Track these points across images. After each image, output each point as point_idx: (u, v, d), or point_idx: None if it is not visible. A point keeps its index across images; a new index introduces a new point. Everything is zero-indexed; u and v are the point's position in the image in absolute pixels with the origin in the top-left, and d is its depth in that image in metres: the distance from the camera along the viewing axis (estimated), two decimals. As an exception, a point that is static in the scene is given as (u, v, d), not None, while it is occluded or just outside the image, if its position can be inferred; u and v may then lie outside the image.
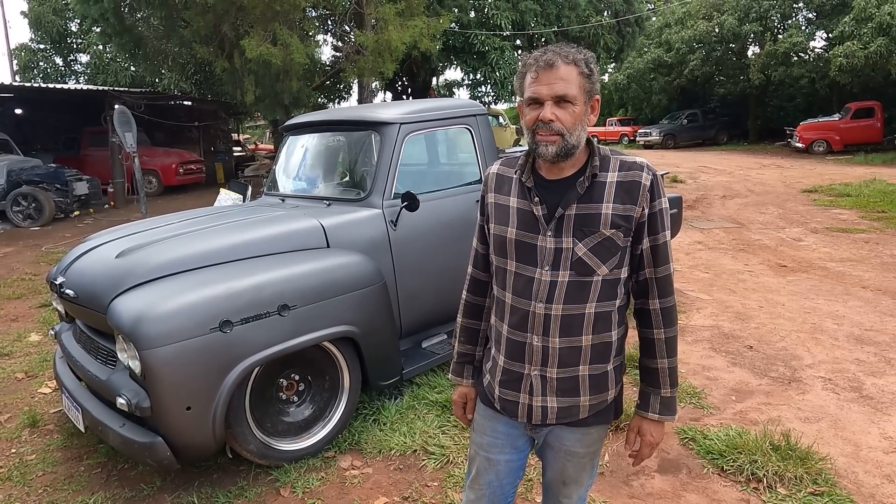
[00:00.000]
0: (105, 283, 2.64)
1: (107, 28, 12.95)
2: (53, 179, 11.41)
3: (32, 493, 2.72)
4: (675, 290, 1.52)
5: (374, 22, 11.24)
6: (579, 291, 1.41)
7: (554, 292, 1.41)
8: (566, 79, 1.35)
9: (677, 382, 1.54)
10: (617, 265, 1.42)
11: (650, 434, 1.54)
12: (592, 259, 1.40)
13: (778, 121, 23.66)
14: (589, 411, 1.49)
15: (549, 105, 1.36)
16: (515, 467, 1.63)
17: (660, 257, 1.45)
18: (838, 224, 8.17)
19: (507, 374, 1.51)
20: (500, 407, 1.55)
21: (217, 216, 3.41)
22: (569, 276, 1.41)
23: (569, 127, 1.36)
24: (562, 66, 1.35)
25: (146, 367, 2.30)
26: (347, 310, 2.84)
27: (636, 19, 18.62)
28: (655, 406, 1.52)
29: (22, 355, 4.47)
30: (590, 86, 1.39)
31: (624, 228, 1.40)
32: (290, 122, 4.12)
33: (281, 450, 2.76)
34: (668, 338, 1.50)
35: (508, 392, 1.51)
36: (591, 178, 1.41)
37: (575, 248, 1.40)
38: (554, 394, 1.46)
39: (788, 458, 2.61)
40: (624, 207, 1.40)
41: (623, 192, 1.40)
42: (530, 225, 1.45)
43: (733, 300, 5.09)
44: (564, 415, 1.48)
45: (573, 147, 1.38)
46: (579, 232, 1.40)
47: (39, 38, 21.38)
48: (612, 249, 1.40)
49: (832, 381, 3.51)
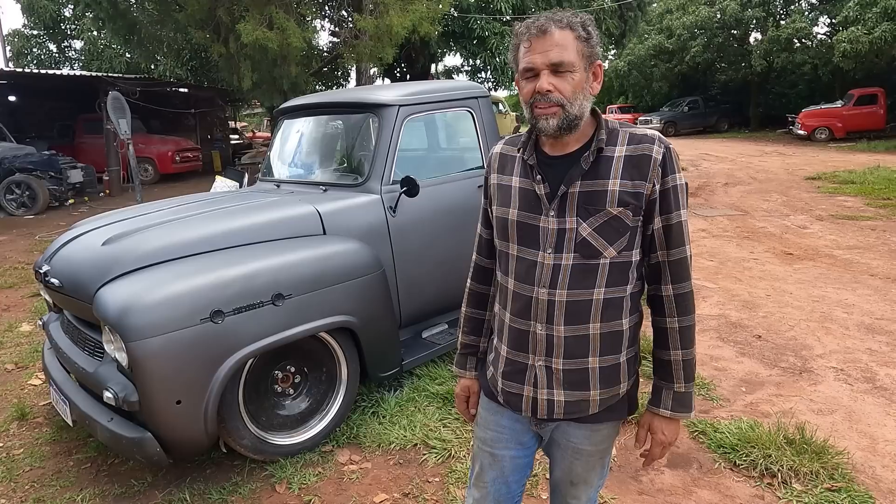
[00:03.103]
0: (91, 271, 2.52)
1: (100, 13, 12.74)
2: (48, 167, 11.25)
3: (19, 489, 2.62)
4: None
5: (372, 6, 11.02)
6: (585, 276, 1.30)
7: (558, 277, 1.31)
8: (562, 44, 1.24)
9: (693, 377, 1.40)
10: (626, 247, 1.30)
11: (661, 432, 1.41)
12: (598, 240, 1.29)
13: (780, 108, 23.46)
14: (599, 406, 1.38)
15: (546, 74, 1.25)
16: (522, 464, 1.53)
17: (673, 239, 1.33)
18: (844, 211, 8.05)
19: (511, 364, 1.41)
20: (504, 400, 1.45)
21: (209, 202, 3.28)
22: (573, 259, 1.30)
23: (569, 96, 1.25)
24: (556, 31, 1.24)
25: (133, 360, 2.19)
26: (345, 299, 2.73)
27: (638, 3, 18.38)
28: (668, 402, 1.39)
29: (12, 346, 4.37)
30: (589, 50, 1.27)
31: (633, 206, 1.28)
32: (285, 105, 3.99)
33: (276, 444, 2.66)
34: (683, 327, 1.36)
35: (512, 384, 1.41)
36: (596, 153, 1.30)
37: (579, 229, 1.29)
38: (561, 386, 1.35)
39: (803, 452, 2.51)
40: (633, 184, 1.28)
41: (632, 167, 1.29)
42: (532, 205, 1.35)
43: (740, 288, 4.98)
44: (573, 410, 1.37)
45: (576, 118, 1.28)
46: (584, 211, 1.29)
47: (33, 24, 21.12)
48: (619, 229, 1.29)
49: (844, 372, 3.41)
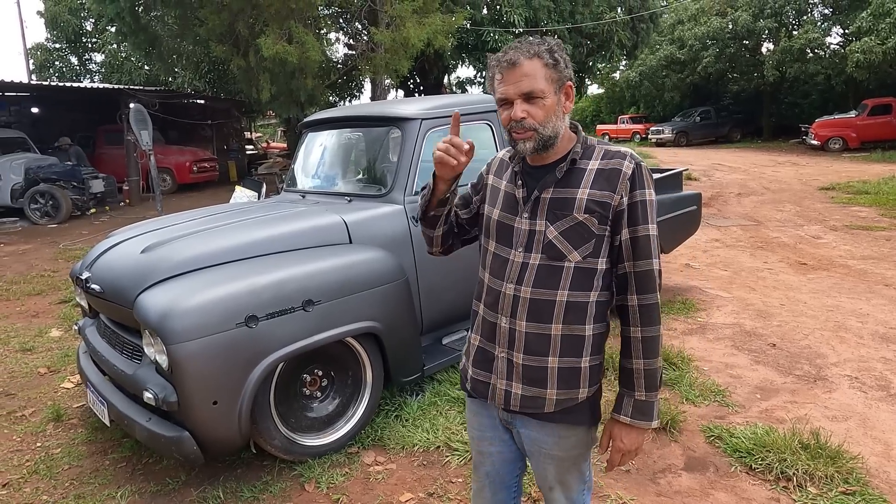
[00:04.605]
0: (131, 278, 2.65)
1: (122, 27, 13.07)
2: (70, 177, 11.52)
3: (59, 486, 2.74)
4: (694, 288, 1.50)
5: (388, 20, 11.22)
6: (550, 276, 1.39)
7: (524, 274, 1.40)
8: (531, 74, 1.34)
9: (657, 387, 1.43)
10: (592, 253, 1.39)
11: (621, 439, 1.46)
12: (563, 243, 1.38)
13: (793, 118, 23.41)
14: (556, 406, 1.43)
15: (519, 103, 1.36)
16: (508, 458, 1.62)
17: (640, 251, 1.39)
18: (858, 221, 8.06)
19: (481, 353, 1.51)
20: (471, 388, 1.55)
21: (239, 212, 3.41)
22: (540, 259, 1.40)
23: (541, 121, 1.36)
24: (524, 62, 1.34)
25: (174, 362, 2.30)
26: (370, 305, 2.84)
27: (650, 15, 18.48)
28: (628, 409, 1.43)
29: (44, 350, 4.51)
30: (557, 75, 1.37)
31: (598, 215, 1.37)
32: (309, 118, 4.12)
33: (305, 445, 2.76)
34: (647, 337, 1.41)
35: (480, 372, 1.51)
36: (570, 164, 1.41)
37: (546, 231, 1.39)
38: (520, 380, 1.43)
39: (818, 456, 2.57)
40: (601, 193, 1.37)
41: (602, 179, 1.38)
42: (511, 207, 1.46)
43: (754, 298, 5.03)
44: (528, 404, 1.44)
45: (550, 139, 1.38)
46: (552, 215, 1.39)
47: (55, 38, 21.61)
48: (584, 235, 1.38)
49: (859, 380, 3.46)
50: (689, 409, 3.17)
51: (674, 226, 4.90)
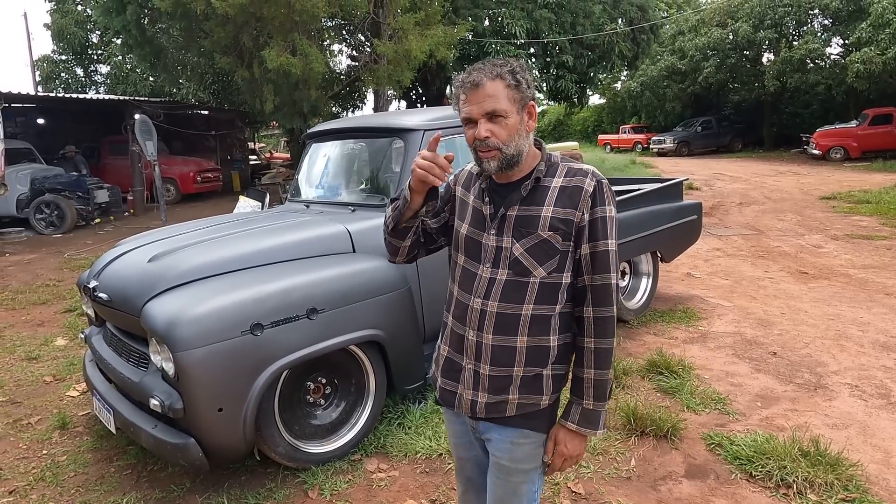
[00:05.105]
0: (138, 286, 2.69)
1: (128, 39, 13.21)
2: (75, 187, 11.62)
3: (65, 493, 2.76)
4: (695, 297, 1.53)
5: (391, 32, 11.34)
6: (516, 291, 1.43)
7: (492, 289, 1.45)
8: (493, 95, 1.38)
9: (606, 398, 1.47)
10: (556, 269, 1.43)
11: (564, 445, 1.48)
12: (528, 259, 1.42)
13: (793, 128, 23.48)
14: (517, 409, 1.47)
15: (482, 122, 1.39)
16: (485, 464, 1.63)
17: (598, 265, 1.43)
18: (859, 231, 8.09)
19: (448, 363, 1.56)
20: (440, 397, 1.60)
21: (244, 222, 3.46)
22: (507, 275, 1.44)
23: (504, 140, 1.40)
24: (487, 83, 1.38)
25: (180, 369, 2.34)
26: (373, 314, 2.87)
27: (651, 27, 18.60)
28: (576, 416, 1.46)
29: (49, 359, 4.55)
30: (520, 95, 1.41)
31: (562, 232, 1.42)
32: (313, 129, 4.18)
33: (308, 452, 2.79)
34: (599, 349, 1.44)
35: (448, 382, 1.55)
36: (534, 182, 1.45)
37: (513, 248, 1.43)
38: (485, 390, 1.47)
39: (818, 464, 2.59)
40: (564, 211, 1.42)
41: (565, 197, 1.43)
42: (479, 223, 1.50)
43: (755, 307, 5.05)
44: (492, 410, 1.48)
45: (514, 157, 1.42)
46: (517, 232, 1.44)
47: (62, 50, 21.83)
48: (549, 252, 1.42)
49: (859, 388, 3.48)
50: (690, 417, 3.19)
51: (674, 235, 4.94)
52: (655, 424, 2.98)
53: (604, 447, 2.90)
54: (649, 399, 3.39)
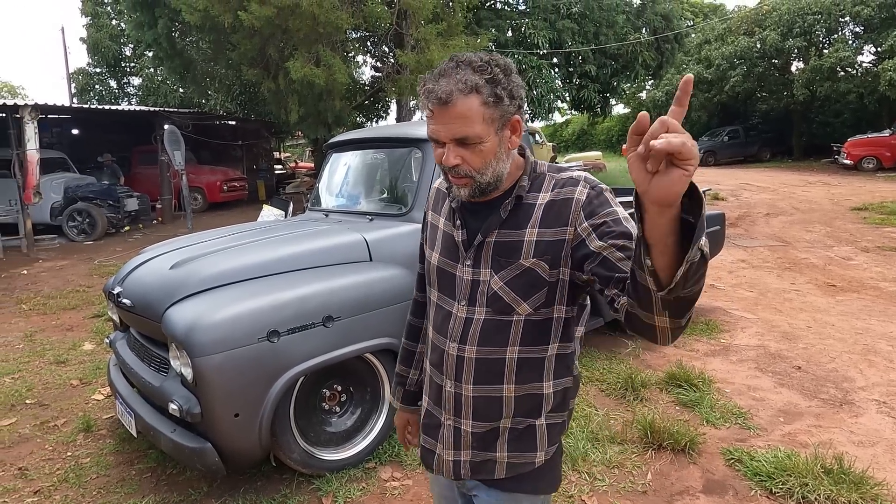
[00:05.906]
0: (160, 293, 2.75)
1: (159, 52, 13.60)
2: (106, 196, 11.94)
3: (87, 494, 2.83)
4: (718, 309, 1.41)
5: (413, 42, 11.46)
6: (497, 332, 1.19)
7: (468, 331, 1.21)
8: (465, 116, 1.09)
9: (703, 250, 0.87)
10: (545, 303, 1.18)
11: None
12: (509, 294, 1.18)
13: (824, 137, 22.99)
14: (507, 471, 1.24)
15: (451, 147, 1.13)
16: None
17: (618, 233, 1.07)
18: (891, 243, 7.87)
19: (429, 417, 1.33)
20: (420, 455, 1.37)
21: (263, 230, 3.52)
22: (485, 314, 1.20)
23: (478, 168, 1.14)
24: (458, 100, 1.08)
25: (198, 374, 2.38)
26: (389, 322, 2.89)
27: (675, 36, 18.46)
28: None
29: (77, 363, 4.66)
30: (500, 113, 1.11)
31: (549, 259, 1.15)
32: (333, 139, 4.24)
33: (323, 459, 2.81)
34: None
35: (428, 439, 1.33)
36: (515, 201, 1.19)
37: (491, 282, 1.19)
38: (469, 447, 1.25)
39: (841, 482, 2.52)
40: (553, 231, 1.15)
41: (553, 215, 1.16)
42: (451, 252, 1.27)
43: (780, 319, 4.94)
44: (478, 471, 1.26)
45: (489, 184, 1.17)
46: (496, 263, 1.19)
47: (96, 63, 22.51)
48: (534, 284, 1.16)
49: (887, 405, 3.38)
50: (710, 432, 3.13)
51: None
52: (673, 438, 2.94)
53: (619, 460, 2.87)
54: (668, 412, 3.34)
